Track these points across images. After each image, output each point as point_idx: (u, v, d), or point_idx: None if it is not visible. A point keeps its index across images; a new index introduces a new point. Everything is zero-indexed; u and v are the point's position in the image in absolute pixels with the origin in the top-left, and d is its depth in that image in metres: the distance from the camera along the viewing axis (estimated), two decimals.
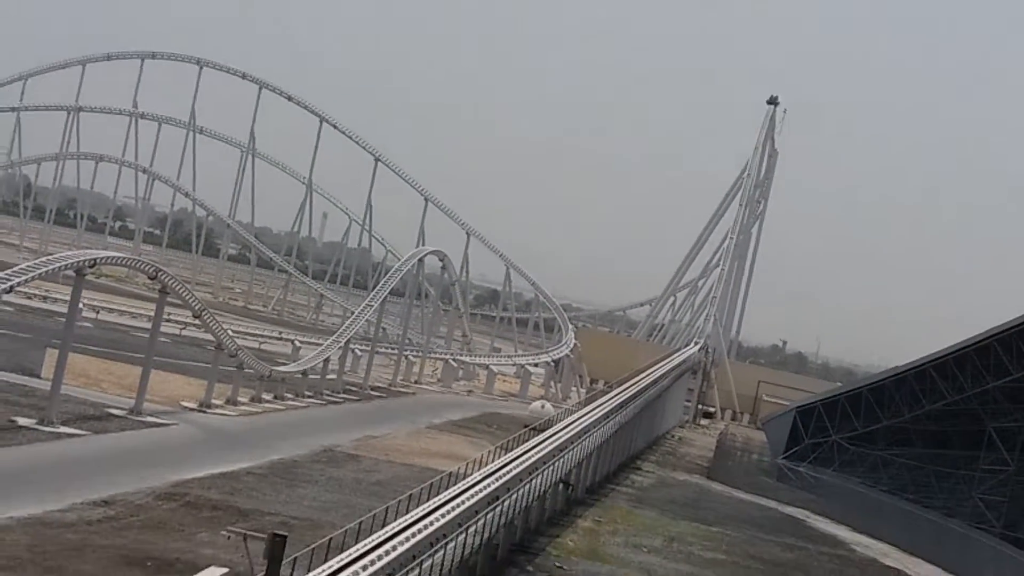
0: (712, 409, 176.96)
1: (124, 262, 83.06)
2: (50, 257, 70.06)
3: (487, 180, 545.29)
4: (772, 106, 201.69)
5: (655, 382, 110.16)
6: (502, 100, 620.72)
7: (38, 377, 77.79)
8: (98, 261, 72.93)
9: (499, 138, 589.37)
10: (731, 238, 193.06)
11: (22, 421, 63.95)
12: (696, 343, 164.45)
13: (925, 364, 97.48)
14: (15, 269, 64.21)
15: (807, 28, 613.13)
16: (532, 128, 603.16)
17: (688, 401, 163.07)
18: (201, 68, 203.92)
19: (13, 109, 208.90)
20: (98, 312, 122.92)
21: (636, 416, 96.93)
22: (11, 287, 62.68)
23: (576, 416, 75.55)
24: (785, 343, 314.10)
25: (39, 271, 64.85)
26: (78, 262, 68.08)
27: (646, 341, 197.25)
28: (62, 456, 58.83)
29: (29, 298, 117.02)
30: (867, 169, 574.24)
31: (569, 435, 67.42)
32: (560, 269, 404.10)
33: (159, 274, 77.23)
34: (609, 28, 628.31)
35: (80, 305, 75.08)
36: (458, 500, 45.10)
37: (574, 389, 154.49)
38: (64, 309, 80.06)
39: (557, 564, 56.50)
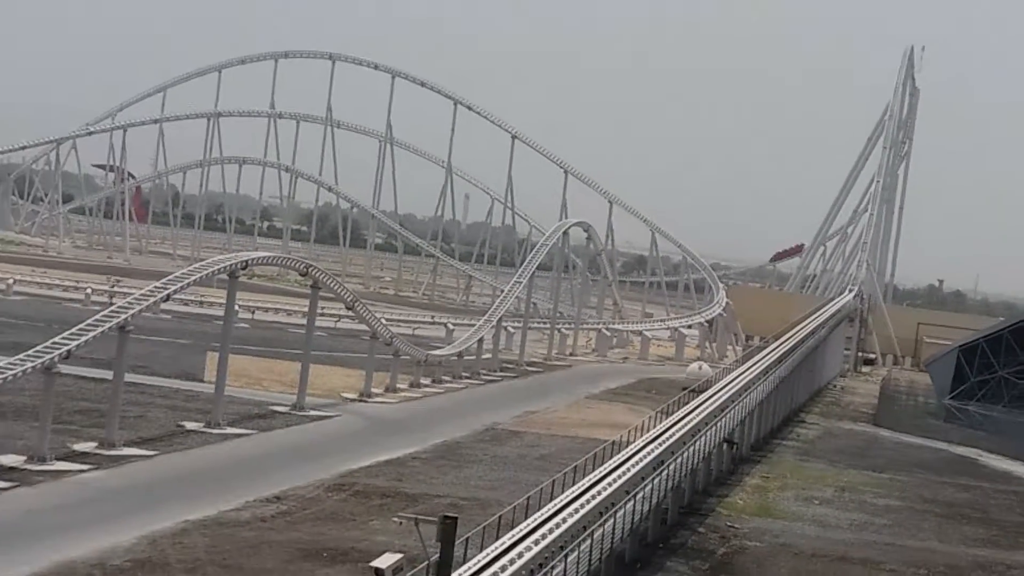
0: (872, 355, 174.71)
1: (275, 261, 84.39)
2: (203, 262, 71.16)
3: (626, 145, 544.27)
4: (911, 45, 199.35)
5: (812, 333, 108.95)
6: (632, 63, 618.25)
7: (201, 381, 79.31)
8: (250, 262, 74.00)
9: (632, 102, 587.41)
10: (877, 181, 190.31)
11: (190, 425, 65.28)
12: (850, 290, 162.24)
13: None
14: (171, 277, 65.32)
15: None
16: (666, 91, 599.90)
17: (847, 350, 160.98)
18: (333, 63, 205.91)
19: (155, 121, 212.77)
20: (254, 312, 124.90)
21: (796, 369, 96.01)
22: (168, 295, 63.84)
23: (735, 374, 75.08)
24: (942, 282, 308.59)
25: (193, 277, 65.89)
26: (230, 265, 69.11)
27: (799, 293, 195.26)
28: (231, 456, 59.95)
29: (186, 304, 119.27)
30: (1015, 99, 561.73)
31: (729, 394, 67.03)
32: (706, 228, 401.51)
33: (310, 269, 78.33)
34: None
35: (236, 307, 76.32)
36: (623, 468, 45.11)
37: (730, 348, 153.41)
38: (221, 312, 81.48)
39: (728, 524, 56.20)
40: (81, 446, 57.05)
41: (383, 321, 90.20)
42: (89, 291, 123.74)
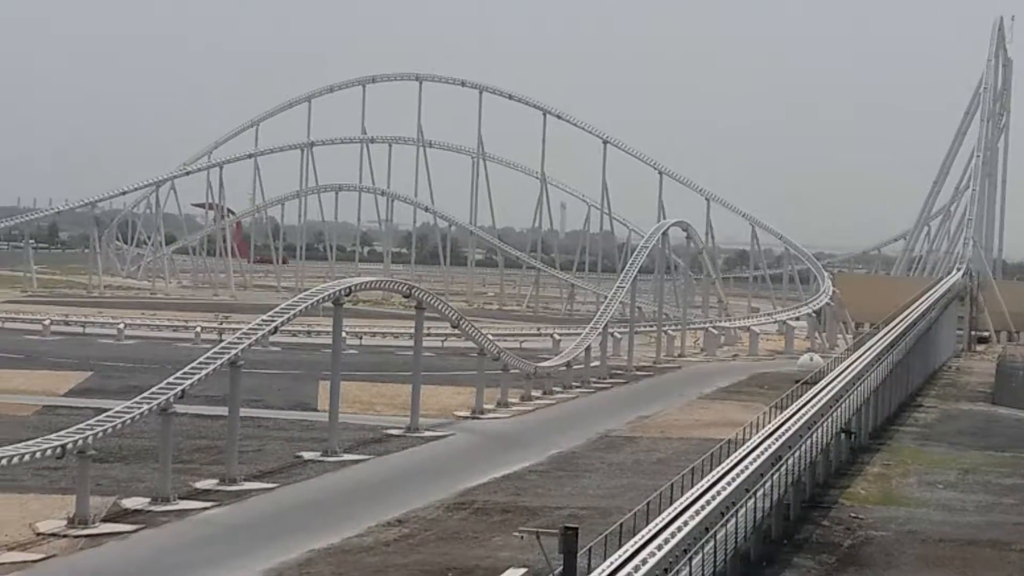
0: (986, 333, 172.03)
1: (378, 285, 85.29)
2: (308, 292, 71.79)
3: (718, 140, 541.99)
4: (999, 15, 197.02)
5: (922, 316, 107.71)
6: (717, 54, 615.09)
7: (315, 410, 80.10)
8: (353, 288, 74.60)
9: (719, 93, 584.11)
10: (977, 156, 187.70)
11: (307, 455, 65.92)
12: (958, 269, 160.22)
13: None
14: (277, 309, 66.12)
15: None
16: (753, 79, 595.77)
17: (960, 329, 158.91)
18: (421, 83, 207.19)
19: (250, 156, 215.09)
20: (361, 338, 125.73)
21: (908, 353, 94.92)
22: (276, 327, 64.56)
23: (847, 363, 74.40)
24: None
25: (299, 307, 66.56)
26: (335, 293, 69.77)
27: (906, 276, 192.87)
28: (350, 483, 60.43)
29: (294, 335, 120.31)
30: None
31: (843, 383, 66.46)
32: (806, 217, 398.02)
33: (413, 291, 78.89)
34: None
35: (343, 334, 76.89)
36: (741, 466, 44.93)
37: (840, 337, 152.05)
38: (329, 340, 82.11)
39: (852, 515, 55.65)
40: (203, 484, 57.83)
41: (489, 337, 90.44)
42: (198, 329, 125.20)
